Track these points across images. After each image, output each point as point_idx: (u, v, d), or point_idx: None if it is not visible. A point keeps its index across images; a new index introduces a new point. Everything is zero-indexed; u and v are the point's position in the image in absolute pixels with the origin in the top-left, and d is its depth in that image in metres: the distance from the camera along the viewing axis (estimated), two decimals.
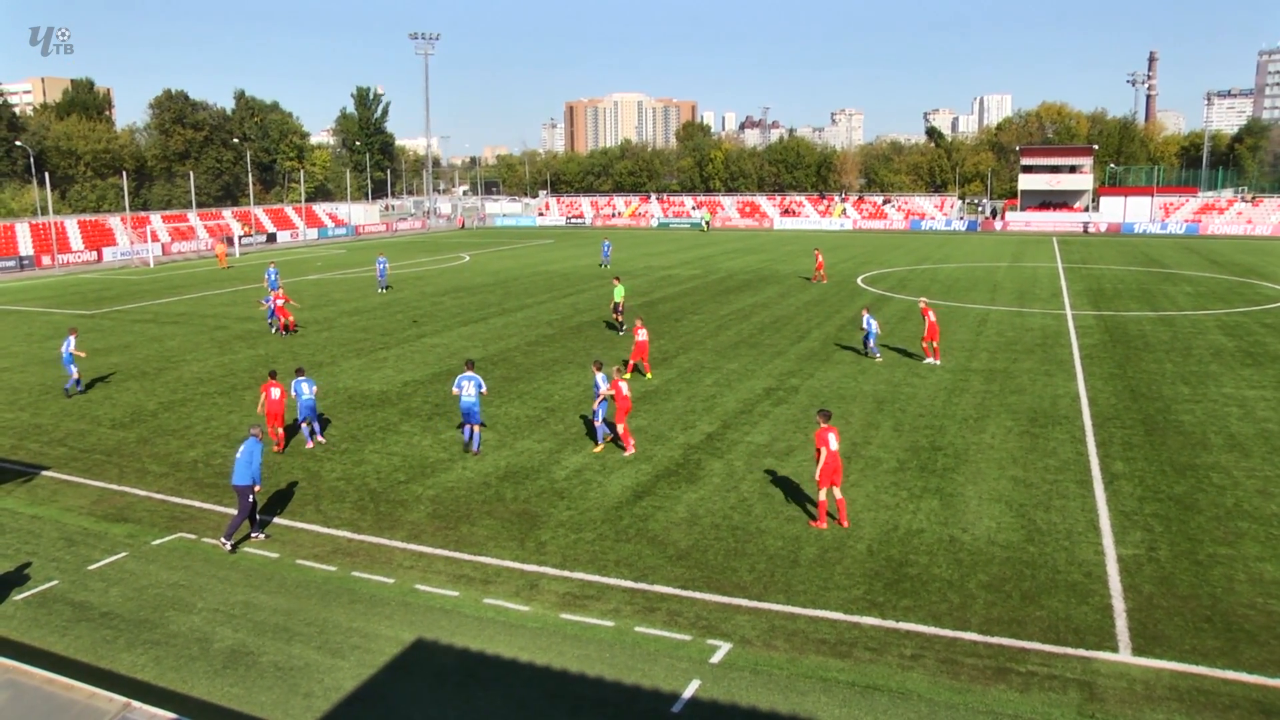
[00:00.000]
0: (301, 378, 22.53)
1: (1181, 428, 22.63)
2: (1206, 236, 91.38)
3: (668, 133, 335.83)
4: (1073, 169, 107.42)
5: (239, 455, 16.34)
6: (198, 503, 18.55)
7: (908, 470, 19.78)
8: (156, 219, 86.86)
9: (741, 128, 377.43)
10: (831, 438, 16.57)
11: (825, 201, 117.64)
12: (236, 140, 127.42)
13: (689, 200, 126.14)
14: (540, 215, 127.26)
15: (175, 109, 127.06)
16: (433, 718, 11.25)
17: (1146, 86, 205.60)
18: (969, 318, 39.48)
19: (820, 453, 16.52)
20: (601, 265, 63.06)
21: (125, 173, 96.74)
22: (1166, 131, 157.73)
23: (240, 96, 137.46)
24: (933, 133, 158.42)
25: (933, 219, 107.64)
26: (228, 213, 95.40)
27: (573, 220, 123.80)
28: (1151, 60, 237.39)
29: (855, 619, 13.35)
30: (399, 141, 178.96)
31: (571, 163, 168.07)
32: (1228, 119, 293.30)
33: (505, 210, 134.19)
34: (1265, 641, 12.56)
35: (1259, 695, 11.37)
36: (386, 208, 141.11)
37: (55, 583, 15.01)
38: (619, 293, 37.05)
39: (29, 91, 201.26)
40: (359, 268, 65.49)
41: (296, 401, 22.48)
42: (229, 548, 16.08)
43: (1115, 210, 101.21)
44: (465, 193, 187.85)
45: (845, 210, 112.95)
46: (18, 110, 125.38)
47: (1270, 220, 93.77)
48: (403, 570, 15.28)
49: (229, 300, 48.96)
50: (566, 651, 12.64)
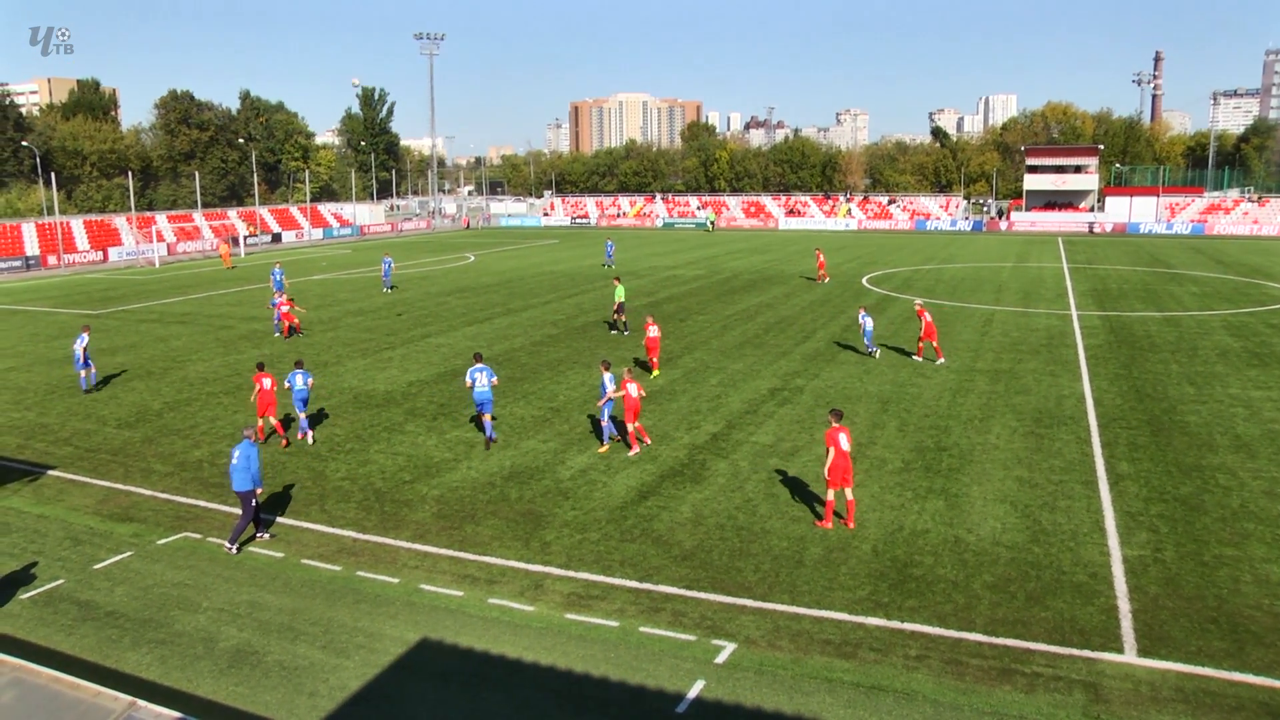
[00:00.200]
0: (299, 370, 22.81)
1: (1187, 428, 22.58)
2: (1212, 237, 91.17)
3: (673, 133, 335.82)
4: (1078, 169, 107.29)
5: (235, 461, 16.14)
6: (203, 502, 18.58)
7: (913, 470, 19.76)
8: (162, 219, 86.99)
9: (746, 128, 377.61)
10: (842, 438, 16.58)
11: (830, 202, 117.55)
12: (242, 140, 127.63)
13: (694, 200, 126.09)
14: (545, 215, 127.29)
15: (181, 109, 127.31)
16: (437, 717, 11.26)
17: (1152, 86, 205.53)
18: (974, 318, 39.43)
19: (829, 452, 16.52)
20: (605, 265, 63.05)
21: (131, 173, 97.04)
22: (1172, 131, 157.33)
23: (245, 97, 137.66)
24: (938, 133, 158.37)
25: (938, 219, 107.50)
26: (233, 213, 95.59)
27: (578, 220, 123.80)
28: (1157, 60, 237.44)
29: (860, 619, 13.34)
30: (404, 142, 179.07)
31: (576, 163, 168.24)
32: (1234, 119, 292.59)
33: (510, 210, 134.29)
34: (1271, 643, 12.53)
35: (1265, 697, 11.34)
36: (391, 208, 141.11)
37: (61, 582, 15.05)
38: (620, 293, 37.06)
39: (35, 92, 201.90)
40: (364, 268, 65.58)
41: (291, 392, 22.74)
42: (234, 551, 16.12)
43: (1121, 210, 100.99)
44: (470, 193, 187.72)
45: (850, 210, 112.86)
46: (24, 110, 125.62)
47: (1276, 220, 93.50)
48: (408, 570, 15.29)
49: (234, 300, 49.05)
50: (571, 651, 12.64)
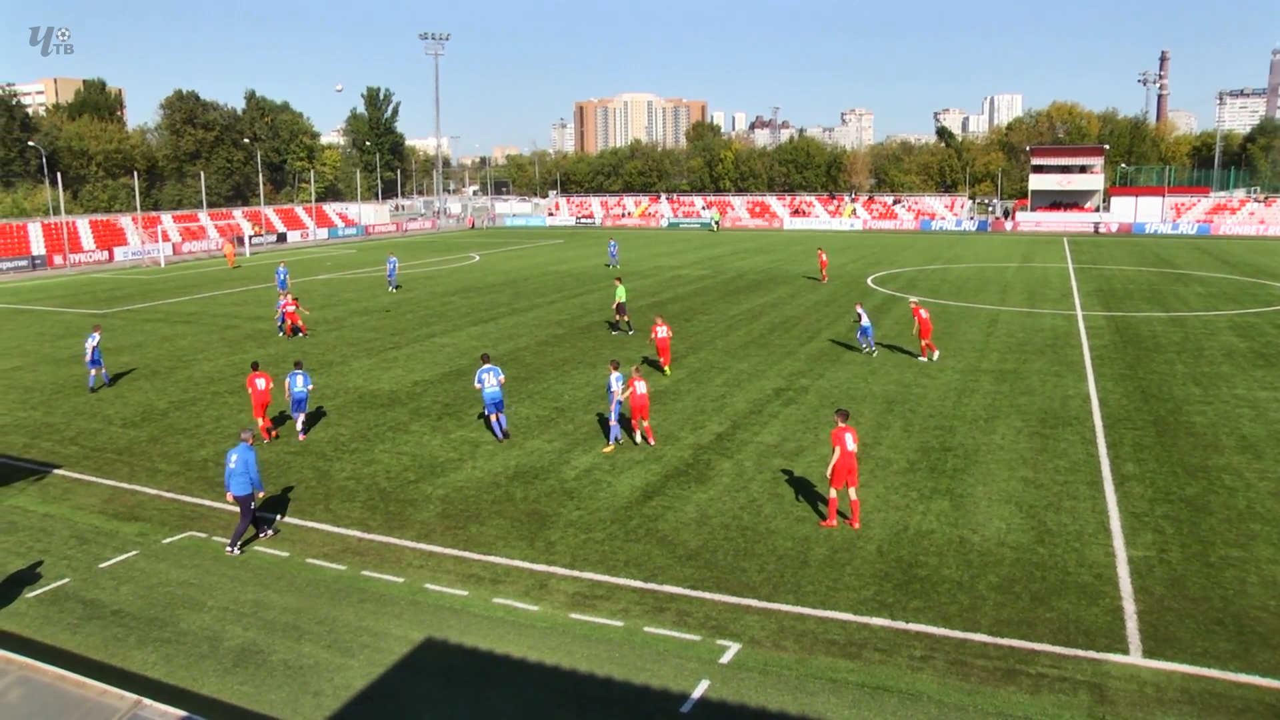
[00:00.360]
0: (298, 371, 22.93)
1: (1193, 429, 22.52)
2: (1218, 237, 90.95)
3: (677, 133, 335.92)
4: (1083, 169, 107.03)
5: (233, 465, 15.98)
6: (208, 501, 18.61)
7: (917, 471, 19.73)
8: (167, 219, 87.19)
9: (751, 128, 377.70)
10: (848, 438, 16.57)
11: (835, 202, 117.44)
12: (247, 140, 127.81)
13: (699, 200, 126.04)
14: (550, 215, 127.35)
15: (186, 109, 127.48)
16: (442, 717, 11.27)
17: (1158, 86, 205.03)
18: (979, 318, 39.37)
19: (835, 451, 16.51)
20: (609, 265, 63.04)
21: (136, 173, 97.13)
22: (1178, 131, 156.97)
23: (251, 97, 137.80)
24: (943, 133, 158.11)
25: (943, 219, 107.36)
26: (238, 212, 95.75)
27: (582, 220, 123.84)
28: (1163, 60, 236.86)
29: (865, 620, 13.33)
30: (409, 142, 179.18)
31: (581, 163, 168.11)
32: (1240, 119, 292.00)
33: (515, 210, 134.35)
34: (1278, 645, 12.48)
35: (1272, 699, 11.30)
36: (396, 208, 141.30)
37: (67, 580, 15.08)
38: (621, 293, 37.05)
39: (41, 92, 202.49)
40: (369, 267, 65.65)
41: (290, 394, 22.85)
42: (237, 552, 16.11)
43: (1126, 210, 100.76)
44: (475, 193, 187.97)
45: (855, 210, 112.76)
46: (30, 111, 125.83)
47: None
48: (412, 569, 15.31)
49: (239, 300, 49.13)
50: (576, 651, 12.64)
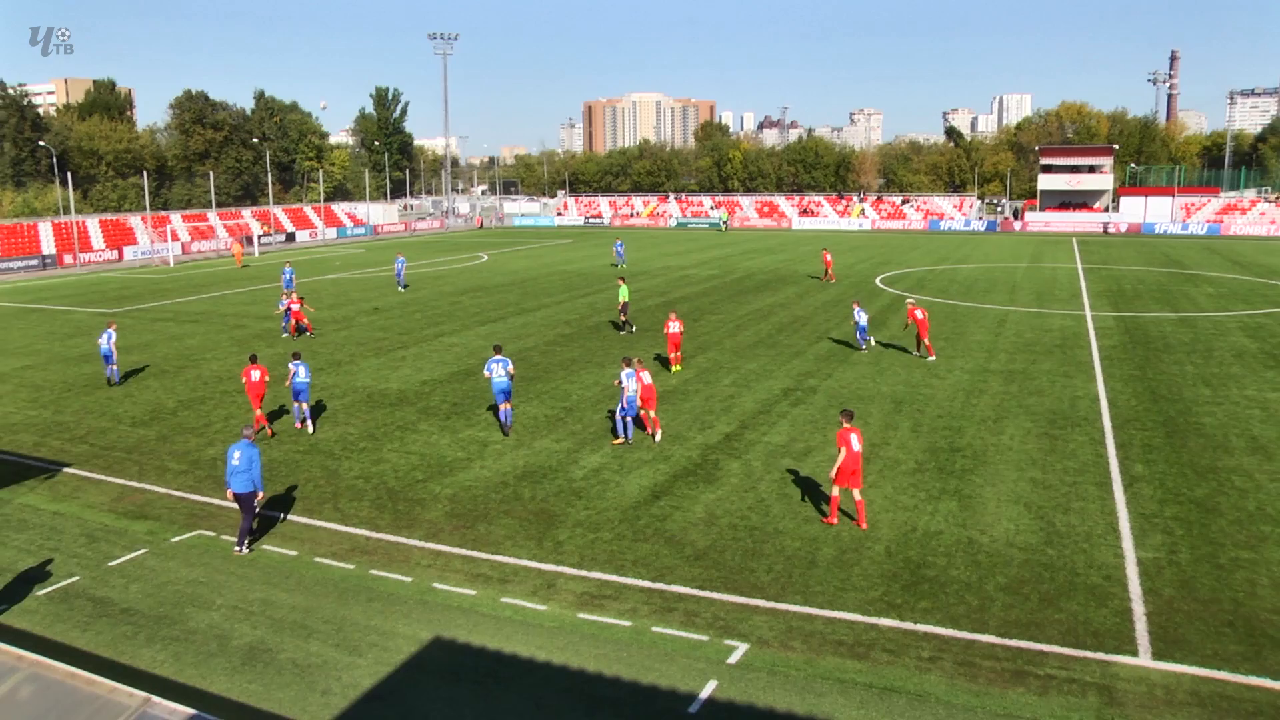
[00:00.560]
0: (298, 362, 23.24)
1: (1203, 430, 22.43)
2: (1229, 237, 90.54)
3: (686, 133, 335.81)
4: (1092, 169, 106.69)
5: (236, 463, 15.93)
6: (217, 500, 18.65)
7: (926, 471, 19.70)
8: (176, 218, 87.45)
9: (760, 127, 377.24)
10: (853, 438, 16.57)
11: (844, 201, 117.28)
12: (256, 140, 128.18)
13: (707, 200, 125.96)
14: (558, 215, 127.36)
15: (195, 109, 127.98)
16: (450, 716, 11.28)
17: (1168, 86, 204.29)
18: (988, 319, 39.28)
19: (840, 452, 16.50)
20: (615, 265, 63.02)
21: (146, 172, 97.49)
22: (1188, 131, 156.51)
23: (260, 97, 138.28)
24: (952, 132, 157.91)
25: (951, 219, 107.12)
26: (247, 212, 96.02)
27: (591, 220, 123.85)
28: (1173, 59, 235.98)
29: (873, 620, 13.30)
30: (418, 141, 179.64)
31: (590, 163, 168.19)
32: (1251, 118, 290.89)
33: (523, 210, 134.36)
34: None
35: None
36: (405, 207, 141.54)
37: (77, 578, 15.14)
38: (624, 293, 37.05)
39: (52, 93, 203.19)
40: (377, 267, 65.76)
41: (291, 385, 23.18)
42: (245, 551, 16.14)
43: (1136, 210, 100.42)
44: (484, 192, 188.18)
45: (864, 210, 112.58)
46: (41, 111, 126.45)
47: None
48: (420, 569, 15.33)
49: (248, 299, 49.26)
50: (584, 651, 12.65)
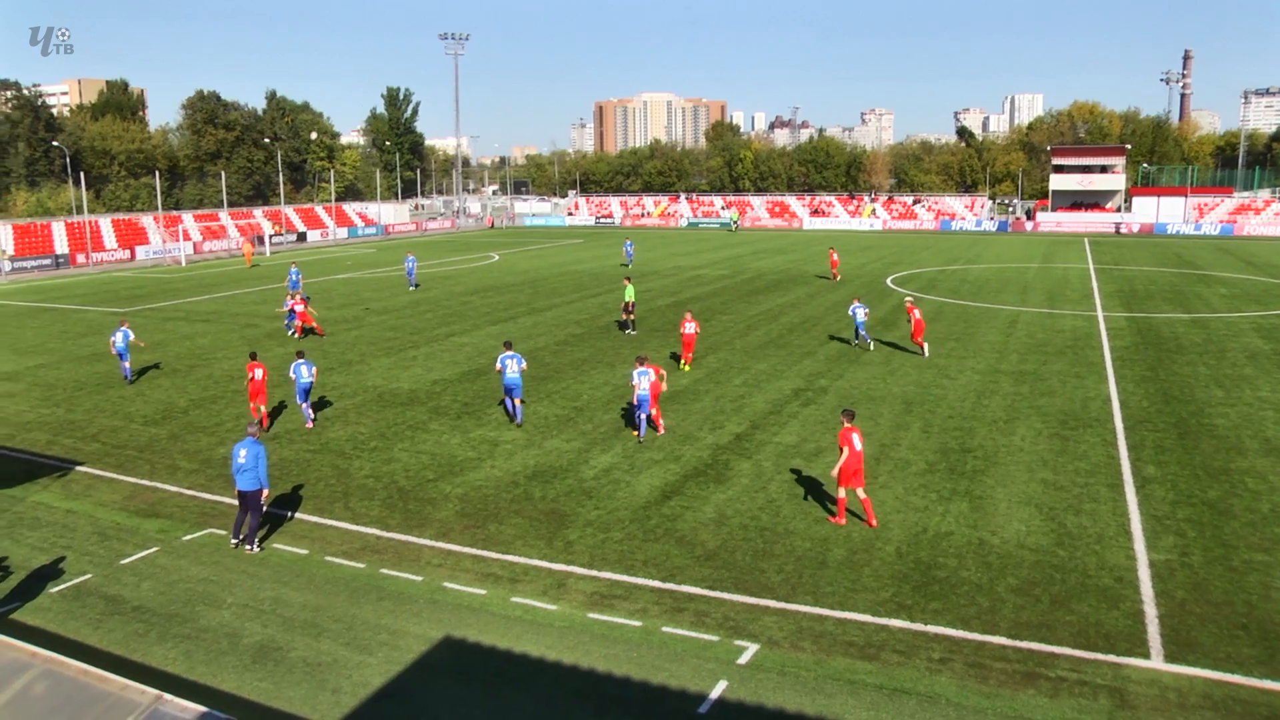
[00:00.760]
0: (301, 360, 23.37)
1: (1215, 431, 22.32)
2: (1242, 237, 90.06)
3: (697, 132, 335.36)
4: (1105, 169, 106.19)
5: (243, 461, 15.94)
6: (228, 499, 18.69)
7: (937, 472, 19.64)
8: (188, 218, 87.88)
9: (771, 127, 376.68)
10: (855, 437, 16.55)
11: (855, 201, 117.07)
12: (267, 140, 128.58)
13: (718, 200, 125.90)
14: (569, 215, 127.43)
15: (207, 109, 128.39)
16: (460, 715, 11.30)
17: (1181, 85, 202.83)
18: (999, 319, 39.15)
19: (843, 452, 16.49)
20: (625, 265, 62.99)
21: (158, 172, 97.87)
22: (1201, 131, 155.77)
23: (271, 97, 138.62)
24: (963, 132, 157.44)
25: (963, 219, 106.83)
26: (259, 212, 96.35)
27: (602, 220, 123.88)
28: (1186, 59, 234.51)
29: (883, 621, 13.27)
30: (429, 141, 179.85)
31: (601, 162, 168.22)
32: (1265, 118, 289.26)
33: (534, 210, 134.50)
34: None
35: None
36: (416, 207, 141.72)
37: (89, 576, 15.21)
38: (630, 292, 37.06)
39: (65, 93, 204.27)
40: (388, 267, 65.90)
41: (295, 383, 23.38)
42: (258, 550, 16.22)
43: (1148, 211, 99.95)
44: (494, 192, 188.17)
45: (875, 210, 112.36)
46: (55, 111, 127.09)
47: None
48: (431, 568, 15.35)
49: (259, 299, 49.42)
50: (594, 651, 12.65)
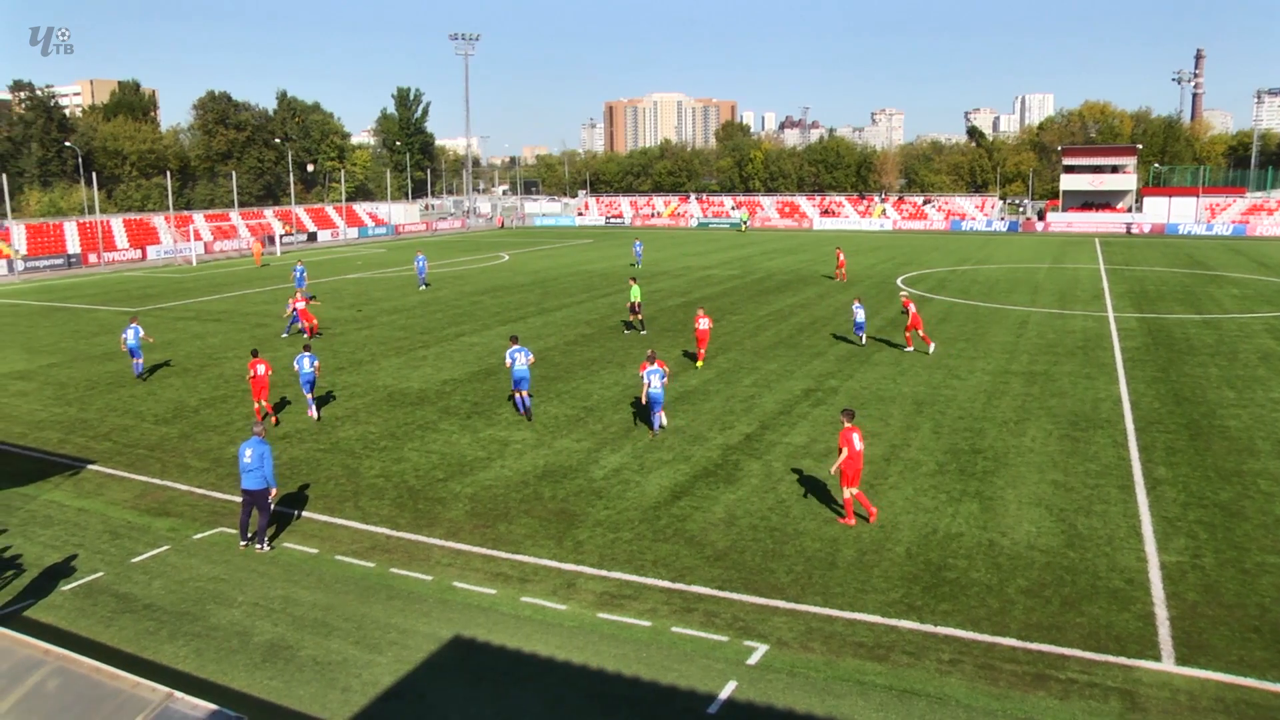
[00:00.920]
0: (305, 354, 24.02)
1: (1227, 433, 22.21)
2: (1254, 238, 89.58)
3: (707, 133, 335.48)
4: (1116, 169, 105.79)
5: (248, 460, 15.97)
6: (238, 498, 18.71)
7: (947, 473, 19.59)
8: (199, 218, 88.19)
9: (781, 127, 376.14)
10: (855, 437, 16.58)
11: (865, 202, 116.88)
12: (278, 140, 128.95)
13: (728, 200, 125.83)
14: (579, 215, 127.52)
15: (218, 110, 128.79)
16: (469, 715, 11.31)
17: (1193, 85, 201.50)
18: (1010, 319, 39.04)
19: (842, 451, 16.51)
20: (634, 265, 62.99)
21: (169, 172, 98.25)
22: (1213, 131, 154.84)
23: (282, 97, 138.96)
24: (974, 132, 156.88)
25: (973, 219, 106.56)
26: (269, 212, 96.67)
27: (612, 220, 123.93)
28: (1198, 58, 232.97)
29: (893, 622, 13.25)
30: (439, 141, 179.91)
31: (611, 163, 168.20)
32: (1278, 117, 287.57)
33: (544, 210, 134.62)
34: None
35: None
36: (426, 207, 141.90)
37: (101, 574, 15.28)
38: (635, 293, 37.08)
39: (78, 94, 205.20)
40: (398, 267, 66.03)
41: (299, 375, 24.05)
42: (268, 548, 16.27)
43: (1159, 211, 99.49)
44: (505, 192, 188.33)
45: (885, 210, 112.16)
46: (67, 112, 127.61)
47: None
48: (441, 568, 15.38)
49: (269, 299, 49.56)
50: (603, 651, 12.66)
